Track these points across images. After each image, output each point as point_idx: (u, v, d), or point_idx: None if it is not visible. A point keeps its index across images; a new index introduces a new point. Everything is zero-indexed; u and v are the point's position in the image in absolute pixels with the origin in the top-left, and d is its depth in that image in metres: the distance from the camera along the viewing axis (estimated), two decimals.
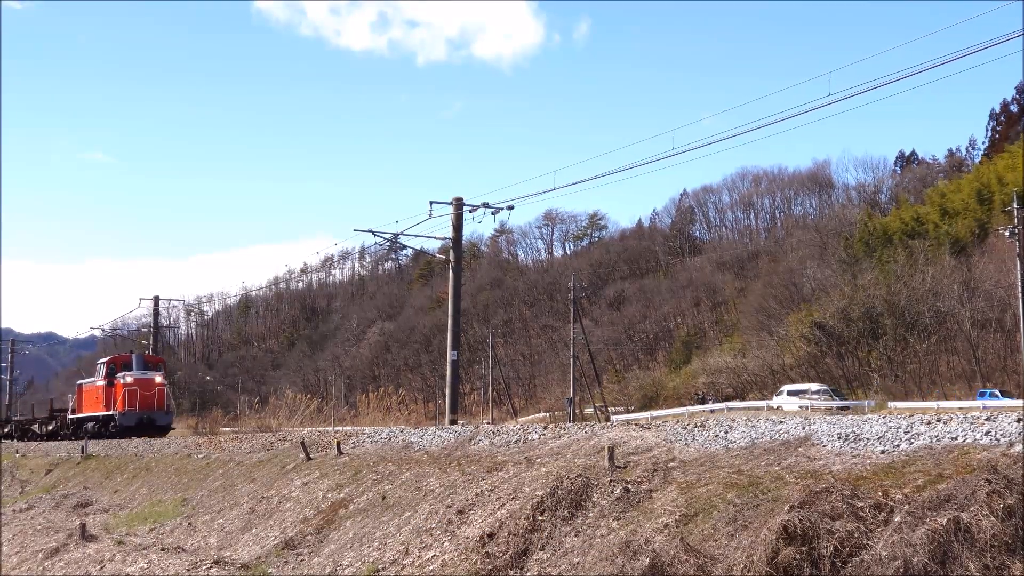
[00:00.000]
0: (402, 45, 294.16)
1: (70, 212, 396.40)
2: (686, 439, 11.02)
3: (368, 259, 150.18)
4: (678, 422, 12.73)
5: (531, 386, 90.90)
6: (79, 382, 41.18)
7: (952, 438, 8.42)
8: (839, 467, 8.49)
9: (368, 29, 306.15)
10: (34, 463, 35.27)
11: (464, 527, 10.60)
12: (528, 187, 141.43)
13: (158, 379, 35.32)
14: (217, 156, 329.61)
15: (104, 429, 34.88)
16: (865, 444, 8.99)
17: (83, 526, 18.35)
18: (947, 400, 48.05)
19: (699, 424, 11.68)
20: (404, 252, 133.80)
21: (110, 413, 34.62)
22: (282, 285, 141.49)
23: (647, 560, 7.72)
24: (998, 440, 8.06)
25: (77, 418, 38.57)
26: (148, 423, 33.71)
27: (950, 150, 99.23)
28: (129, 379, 34.51)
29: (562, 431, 13.42)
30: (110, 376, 35.57)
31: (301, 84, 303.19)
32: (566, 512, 9.53)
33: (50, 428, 43.00)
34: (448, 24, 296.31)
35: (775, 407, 50.09)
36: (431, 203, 28.52)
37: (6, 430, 50.62)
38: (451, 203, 28.68)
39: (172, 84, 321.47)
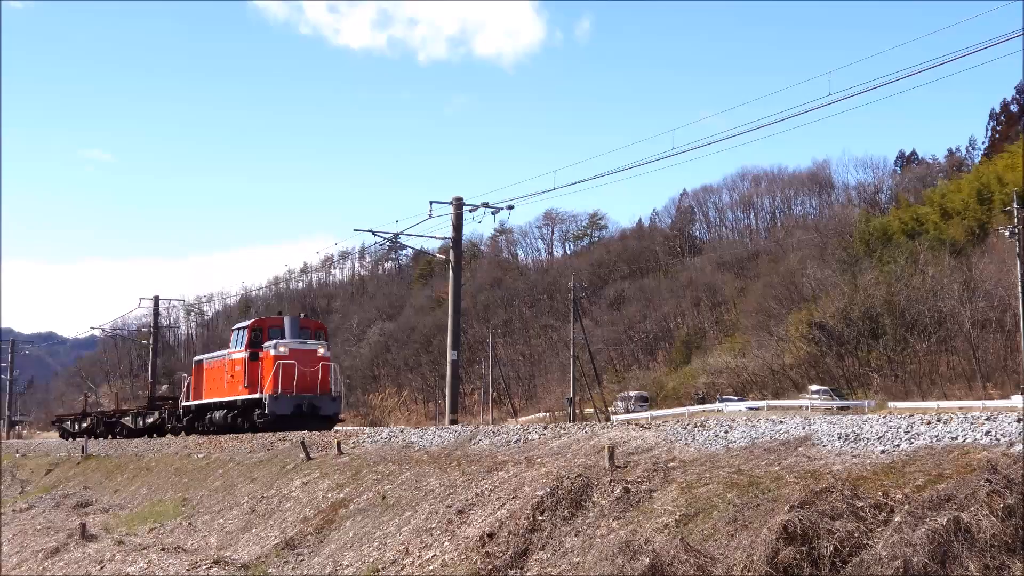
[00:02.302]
0: (403, 43, 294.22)
1: (69, 211, 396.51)
2: (686, 439, 11.02)
3: (368, 259, 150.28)
4: (678, 422, 12.74)
5: (531, 386, 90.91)
6: (197, 358, 31.96)
7: (952, 438, 8.42)
8: (839, 467, 8.49)
9: (368, 26, 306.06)
10: (34, 463, 35.29)
11: (464, 527, 10.60)
12: (528, 187, 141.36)
13: (321, 351, 26.29)
14: (216, 155, 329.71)
15: (242, 420, 26.36)
16: (865, 444, 9.00)
17: (83, 526, 18.37)
18: (947, 400, 48.08)
19: (699, 424, 11.68)
20: (404, 252, 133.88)
21: (254, 397, 25.69)
22: (282, 285, 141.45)
23: (647, 560, 7.72)
24: (998, 440, 8.06)
25: (196, 405, 29.57)
26: (309, 412, 25.06)
27: (950, 150, 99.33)
28: (283, 349, 25.43)
29: (562, 431, 13.43)
30: (253, 346, 26.34)
31: (301, 83, 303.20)
32: (566, 512, 9.54)
33: (151, 420, 34.02)
34: (449, 22, 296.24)
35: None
36: (431, 203, 28.53)
37: (83, 425, 41.65)
38: (451, 203, 28.69)
39: (171, 83, 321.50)
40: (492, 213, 28.75)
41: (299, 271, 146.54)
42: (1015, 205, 46.33)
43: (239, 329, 28.01)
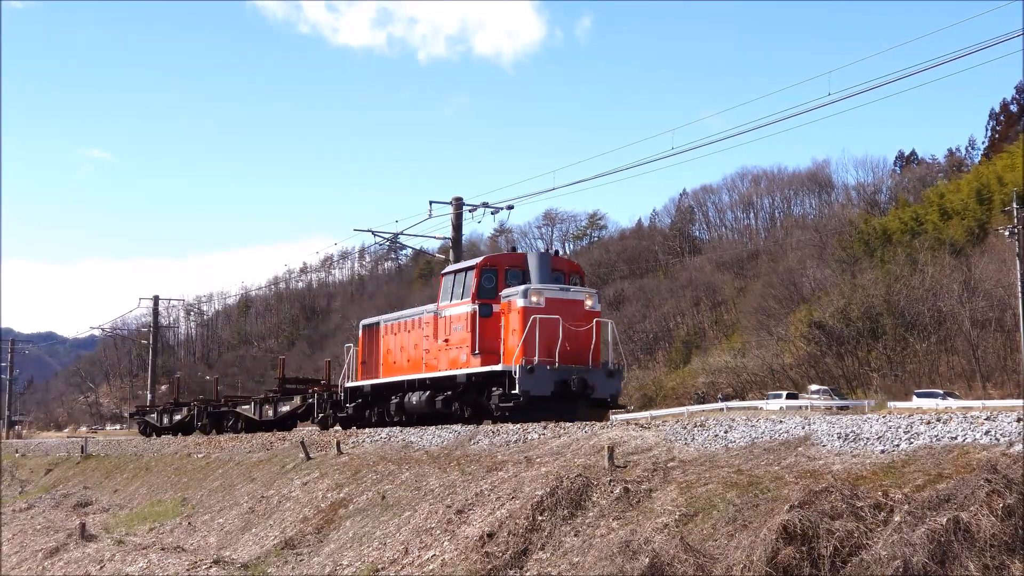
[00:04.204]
0: (402, 42, 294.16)
1: (69, 211, 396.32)
2: (686, 439, 11.02)
3: (368, 259, 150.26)
4: (678, 422, 12.75)
5: None
6: (368, 321, 23.51)
7: (952, 438, 8.42)
8: (839, 467, 8.49)
9: (368, 25, 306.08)
10: (34, 463, 35.29)
11: (464, 527, 10.60)
12: (528, 187, 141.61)
13: (589, 302, 18.00)
14: (216, 156, 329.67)
15: (461, 406, 18.36)
16: (865, 444, 8.99)
17: (83, 526, 18.37)
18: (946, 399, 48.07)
19: (699, 424, 11.69)
20: (404, 252, 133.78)
21: (492, 370, 17.33)
22: (282, 285, 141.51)
23: (647, 560, 7.72)
24: (998, 440, 8.06)
25: (374, 386, 21.32)
26: (580, 391, 17.03)
27: (950, 150, 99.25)
28: (536, 299, 17.29)
29: (562, 430, 13.42)
30: (484, 296, 18.21)
31: (300, 82, 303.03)
32: (566, 512, 9.53)
33: (286, 409, 26.36)
34: (449, 21, 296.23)
35: None
36: (431, 203, 28.53)
37: (176, 418, 33.96)
38: (451, 203, 28.70)
39: (170, 84, 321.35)
40: (492, 213, 28.80)
41: (298, 271, 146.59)
42: (1015, 205, 46.36)
43: (458, 272, 19.15)
